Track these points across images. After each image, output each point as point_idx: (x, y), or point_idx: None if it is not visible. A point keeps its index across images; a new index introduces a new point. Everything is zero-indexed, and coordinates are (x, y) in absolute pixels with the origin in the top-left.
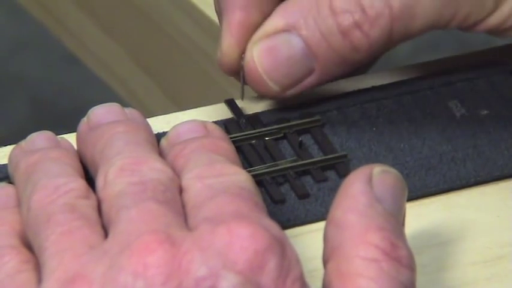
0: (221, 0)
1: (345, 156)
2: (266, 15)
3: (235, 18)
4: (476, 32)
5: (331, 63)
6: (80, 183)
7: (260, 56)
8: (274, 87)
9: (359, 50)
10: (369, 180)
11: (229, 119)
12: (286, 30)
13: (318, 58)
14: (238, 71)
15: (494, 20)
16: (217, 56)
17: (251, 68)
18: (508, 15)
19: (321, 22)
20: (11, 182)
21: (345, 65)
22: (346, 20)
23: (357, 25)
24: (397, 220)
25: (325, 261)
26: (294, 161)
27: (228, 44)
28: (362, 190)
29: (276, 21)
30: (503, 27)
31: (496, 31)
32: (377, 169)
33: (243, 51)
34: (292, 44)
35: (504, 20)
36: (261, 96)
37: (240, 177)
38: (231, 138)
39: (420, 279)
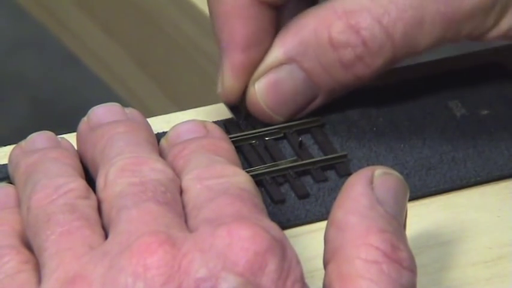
0: (221, 38)
1: (345, 156)
2: (267, 51)
3: (237, 59)
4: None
5: (334, 90)
6: (80, 183)
7: (263, 92)
8: (279, 118)
9: (362, 79)
10: (370, 182)
11: (229, 119)
12: (287, 62)
13: (321, 88)
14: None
15: (494, 33)
16: (219, 90)
17: (254, 103)
18: (507, 30)
19: (322, 55)
20: (11, 182)
21: (349, 89)
22: (348, 55)
23: (359, 58)
24: (399, 222)
25: (325, 263)
26: (294, 161)
27: (231, 85)
28: (363, 192)
29: (276, 53)
30: (503, 38)
31: (495, 41)
32: (378, 171)
33: (245, 89)
34: (294, 77)
35: (504, 34)
36: None
37: (240, 178)
38: (231, 138)
39: (421, 280)
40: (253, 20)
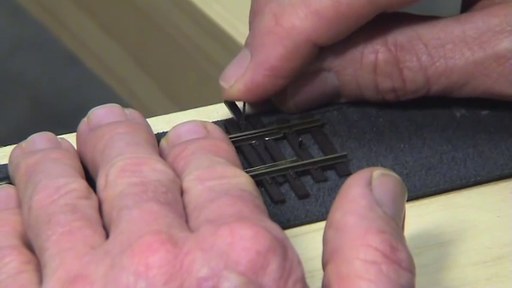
0: (253, 42)
1: (345, 156)
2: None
3: (269, 63)
4: None
5: (359, 100)
6: (81, 184)
7: (294, 91)
8: (297, 110)
9: (388, 101)
10: (369, 183)
11: (229, 119)
12: (328, 70)
13: (346, 97)
14: (250, 102)
15: None
16: (236, 85)
17: (283, 99)
18: None
19: (362, 75)
20: (11, 183)
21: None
22: (385, 84)
23: (394, 90)
24: (397, 223)
25: (324, 264)
26: (294, 161)
27: (256, 83)
28: (361, 193)
29: (320, 61)
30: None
31: None
32: (376, 172)
33: (269, 92)
34: (329, 83)
35: None
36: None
37: (241, 179)
38: (231, 138)
39: (420, 280)
40: (298, 56)
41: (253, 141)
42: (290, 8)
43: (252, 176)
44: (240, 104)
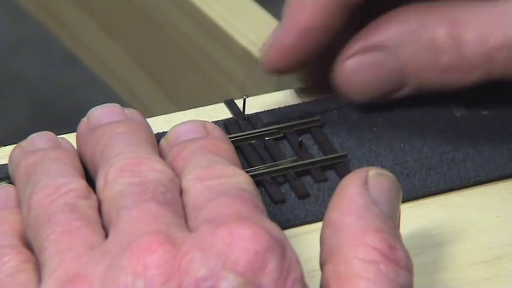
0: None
1: (345, 156)
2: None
3: (303, 23)
4: None
5: (422, 88)
6: (81, 183)
7: (353, 71)
8: (363, 98)
9: (453, 86)
10: (365, 182)
11: (229, 119)
12: (385, 49)
13: (409, 82)
14: (285, 71)
15: None
16: (267, 50)
17: (345, 79)
18: None
19: (420, 53)
20: (11, 182)
21: (436, 91)
22: (445, 61)
23: (454, 68)
24: (394, 222)
25: (322, 264)
26: (294, 161)
27: (287, 46)
28: (358, 192)
29: (377, 37)
30: None
31: None
32: (372, 172)
33: (302, 57)
34: (388, 63)
35: None
36: (261, 96)
37: (240, 179)
38: (230, 138)
39: (420, 280)
40: (330, 12)
41: (253, 141)
42: None
43: (252, 176)
44: (239, 104)
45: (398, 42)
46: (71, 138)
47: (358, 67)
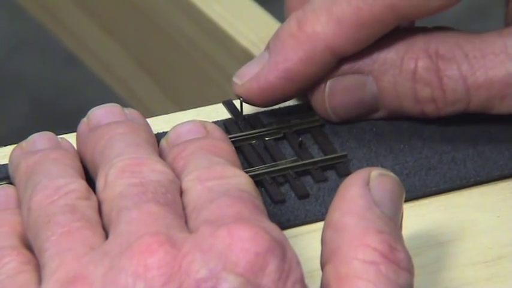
0: (273, 43)
1: (345, 156)
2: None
3: (286, 64)
4: None
5: (396, 114)
6: (81, 184)
7: (332, 92)
8: (334, 118)
9: (428, 116)
10: (367, 183)
11: (229, 119)
12: (365, 74)
13: (384, 107)
14: (260, 105)
15: None
16: (249, 82)
17: (321, 101)
18: None
19: (400, 82)
20: (11, 183)
21: (410, 117)
22: (424, 92)
23: (433, 100)
24: (395, 223)
25: (323, 264)
26: (294, 161)
27: (269, 83)
28: (360, 193)
29: (355, 61)
30: None
31: None
32: (374, 172)
33: (280, 95)
34: (367, 89)
35: None
36: None
37: (240, 179)
38: (230, 138)
39: (420, 280)
40: (315, 62)
41: (253, 141)
42: (313, 14)
43: (252, 176)
44: (237, 104)
45: (378, 68)
46: (71, 138)
47: (334, 88)
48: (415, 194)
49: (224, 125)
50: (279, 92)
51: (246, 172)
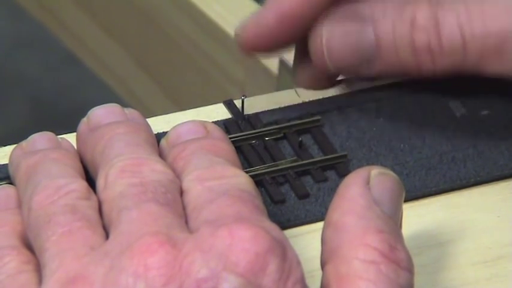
0: None
1: (345, 156)
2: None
3: (286, 6)
4: None
5: (391, 67)
6: (81, 184)
7: (330, 36)
8: (330, 66)
9: (422, 71)
10: (367, 182)
11: (229, 119)
12: (363, 20)
13: (381, 58)
14: (260, 50)
15: None
16: (246, 28)
17: (318, 46)
18: None
19: (399, 29)
20: (11, 183)
21: (403, 73)
22: (421, 40)
23: (429, 50)
24: (395, 222)
25: (323, 264)
26: (294, 161)
27: (266, 28)
28: (360, 192)
29: (353, 6)
30: None
31: None
32: (374, 171)
33: (279, 41)
34: (365, 36)
35: None
36: (261, 96)
37: (241, 179)
38: (230, 138)
39: (420, 280)
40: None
41: (253, 141)
42: None
43: (252, 176)
44: (238, 104)
45: (378, 13)
46: (71, 138)
47: (332, 34)
48: (415, 194)
49: (224, 125)
50: (277, 34)
51: (246, 172)
